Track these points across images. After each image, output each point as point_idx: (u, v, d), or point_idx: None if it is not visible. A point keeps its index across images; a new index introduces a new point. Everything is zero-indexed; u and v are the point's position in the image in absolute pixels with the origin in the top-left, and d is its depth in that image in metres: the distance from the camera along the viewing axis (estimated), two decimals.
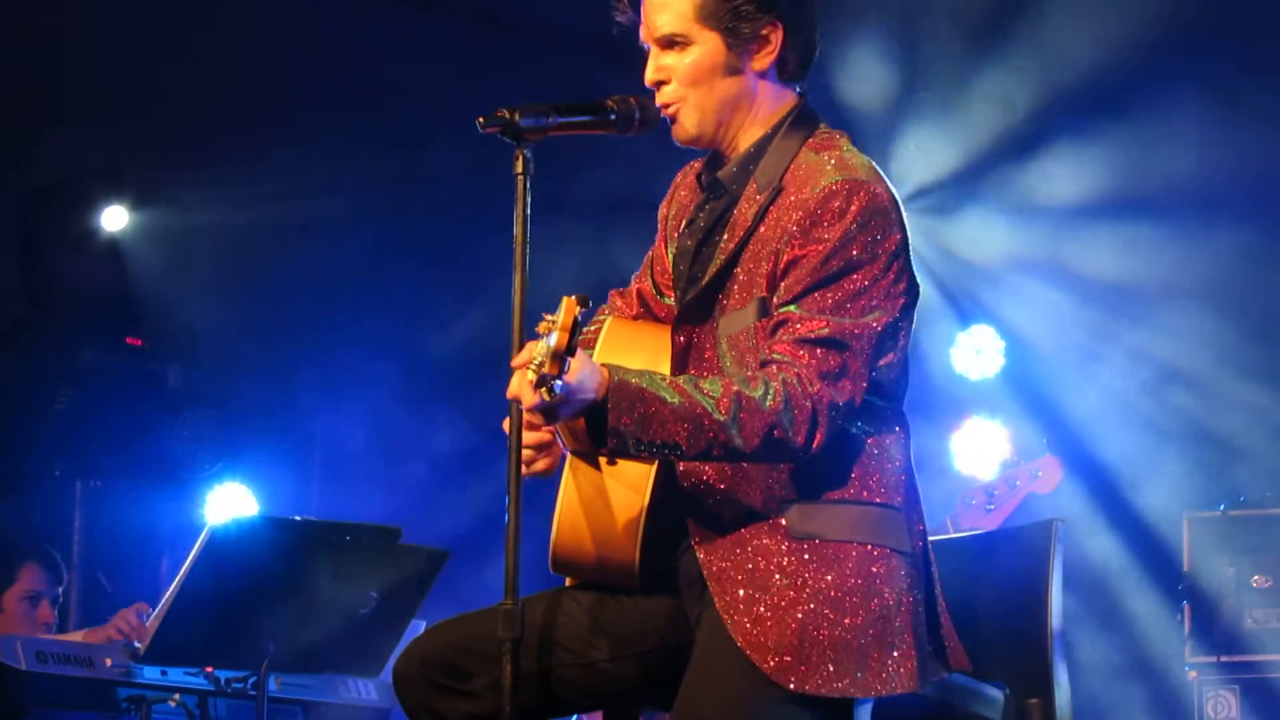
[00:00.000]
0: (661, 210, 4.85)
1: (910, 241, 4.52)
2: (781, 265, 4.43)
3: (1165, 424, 9.24)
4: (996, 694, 4.78)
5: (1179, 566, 8.36)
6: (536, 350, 4.07)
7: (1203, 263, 9.11)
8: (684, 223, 4.71)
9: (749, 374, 4.37)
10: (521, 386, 4.19)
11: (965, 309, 9.55)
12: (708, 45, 4.54)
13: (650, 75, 4.58)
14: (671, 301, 4.73)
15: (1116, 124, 9.18)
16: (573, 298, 4.09)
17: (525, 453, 4.58)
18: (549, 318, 4.09)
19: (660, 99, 4.58)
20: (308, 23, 8.97)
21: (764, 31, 4.55)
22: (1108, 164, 9.23)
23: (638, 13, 4.59)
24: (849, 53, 9.03)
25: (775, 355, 4.37)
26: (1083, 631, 9.06)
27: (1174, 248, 9.16)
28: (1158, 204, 9.13)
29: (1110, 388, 9.36)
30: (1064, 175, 9.34)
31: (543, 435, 4.61)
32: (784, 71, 4.61)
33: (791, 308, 4.39)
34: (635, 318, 4.85)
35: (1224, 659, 8.22)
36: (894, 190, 4.51)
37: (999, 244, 9.57)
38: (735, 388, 4.29)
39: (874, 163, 4.55)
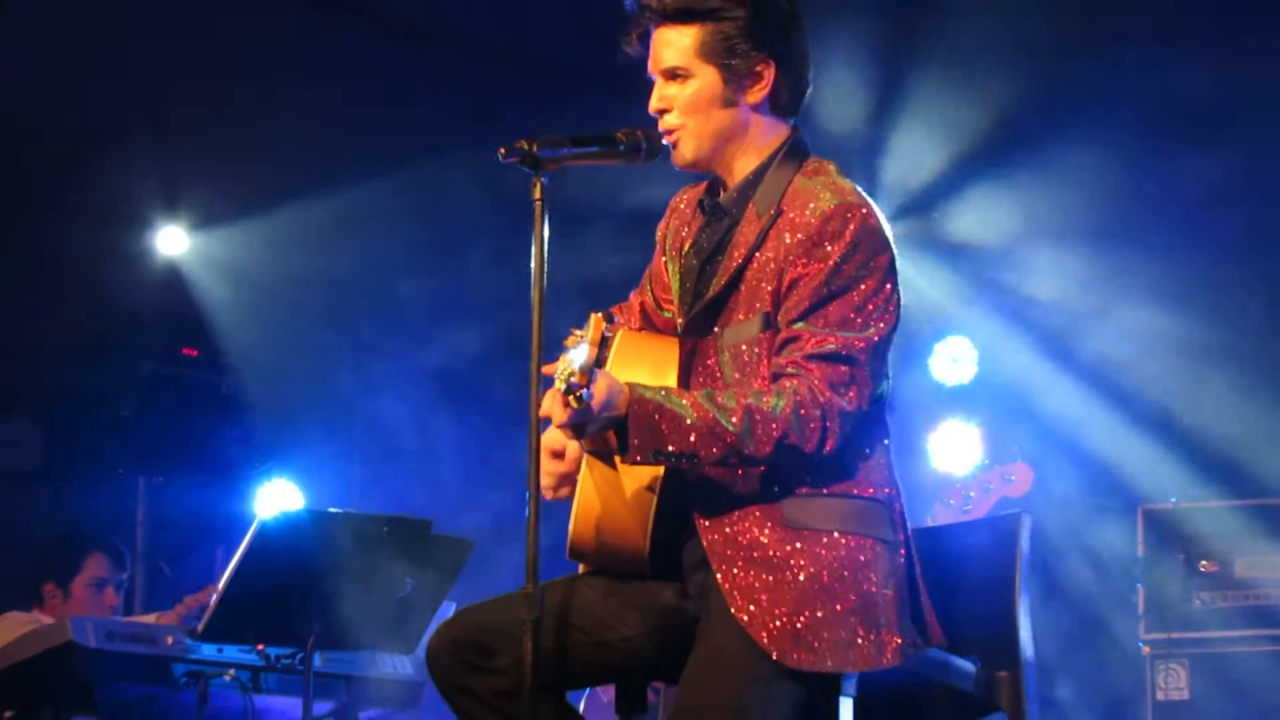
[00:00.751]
0: (659, 230, 4.84)
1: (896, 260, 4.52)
2: (785, 283, 4.43)
3: (1120, 425, 9.23)
4: (969, 667, 4.77)
5: (1135, 552, 8.36)
6: (565, 362, 4.08)
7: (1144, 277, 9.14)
8: (688, 244, 4.70)
9: (761, 386, 4.39)
10: (553, 406, 4.21)
11: (940, 322, 9.54)
12: (706, 78, 4.54)
13: (654, 104, 4.59)
14: (669, 314, 4.73)
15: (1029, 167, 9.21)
16: (599, 314, 4.14)
17: (548, 480, 4.63)
18: (577, 333, 4.12)
19: (662, 125, 4.58)
20: (338, 64, 8.97)
21: (758, 68, 4.54)
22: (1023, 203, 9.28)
23: (645, 47, 4.59)
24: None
25: (788, 370, 4.38)
26: (1049, 611, 9.06)
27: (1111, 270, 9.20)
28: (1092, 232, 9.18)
29: (1071, 393, 9.35)
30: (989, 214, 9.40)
31: (566, 468, 4.63)
32: (776, 106, 4.60)
33: (800, 325, 4.39)
34: (639, 329, 4.84)
35: (1174, 635, 8.22)
36: (880, 213, 4.51)
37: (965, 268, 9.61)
38: (748, 401, 4.31)
39: (860, 188, 4.55)
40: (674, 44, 4.54)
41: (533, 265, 4.36)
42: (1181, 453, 9.04)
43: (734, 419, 4.29)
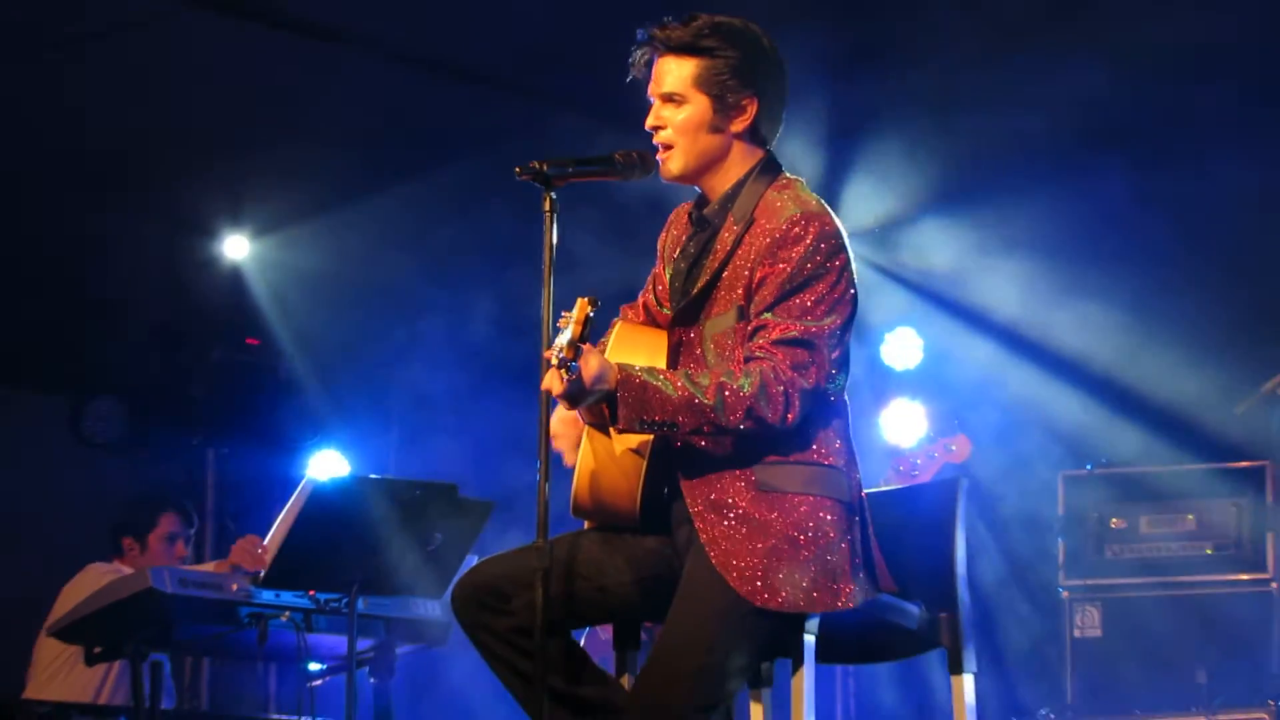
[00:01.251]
0: (660, 240, 4.85)
1: (852, 261, 4.54)
2: (755, 280, 4.45)
3: (1041, 403, 9.23)
4: (915, 609, 4.77)
5: (1056, 511, 8.36)
6: (557, 341, 4.13)
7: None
8: (678, 250, 4.71)
9: (733, 368, 4.40)
10: (551, 380, 4.22)
11: (891, 314, 9.54)
12: (699, 105, 4.55)
13: (650, 121, 4.60)
14: (668, 310, 4.72)
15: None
16: (585, 298, 4.15)
17: (567, 443, 4.64)
18: (567, 315, 4.14)
19: (656, 139, 4.59)
20: (381, 86, 8.97)
21: (743, 102, 4.56)
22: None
23: (647, 71, 4.60)
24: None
25: (756, 353, 4.39)
26: (983, 561, 9.07)
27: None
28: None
29: (1002, 377, 9.35)
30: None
31: (576, 439, 4.63)
32: (755, 135, 4.61)
33: (767, 315, 4.41)
34: (643, 323, 4.84)
35: (1089, 582, 8.22)
36: (839, 221, 4.53)
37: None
38: (721, 379, 4.32)
39: (822, 200, 4.56)
40: (674, 72, 4.55)
41: (543, 264, 4.40)
42: (1101, 424, 9.05)
43: (709, 394, 4.30)
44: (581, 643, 4.89)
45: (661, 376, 4.33)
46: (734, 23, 4.58)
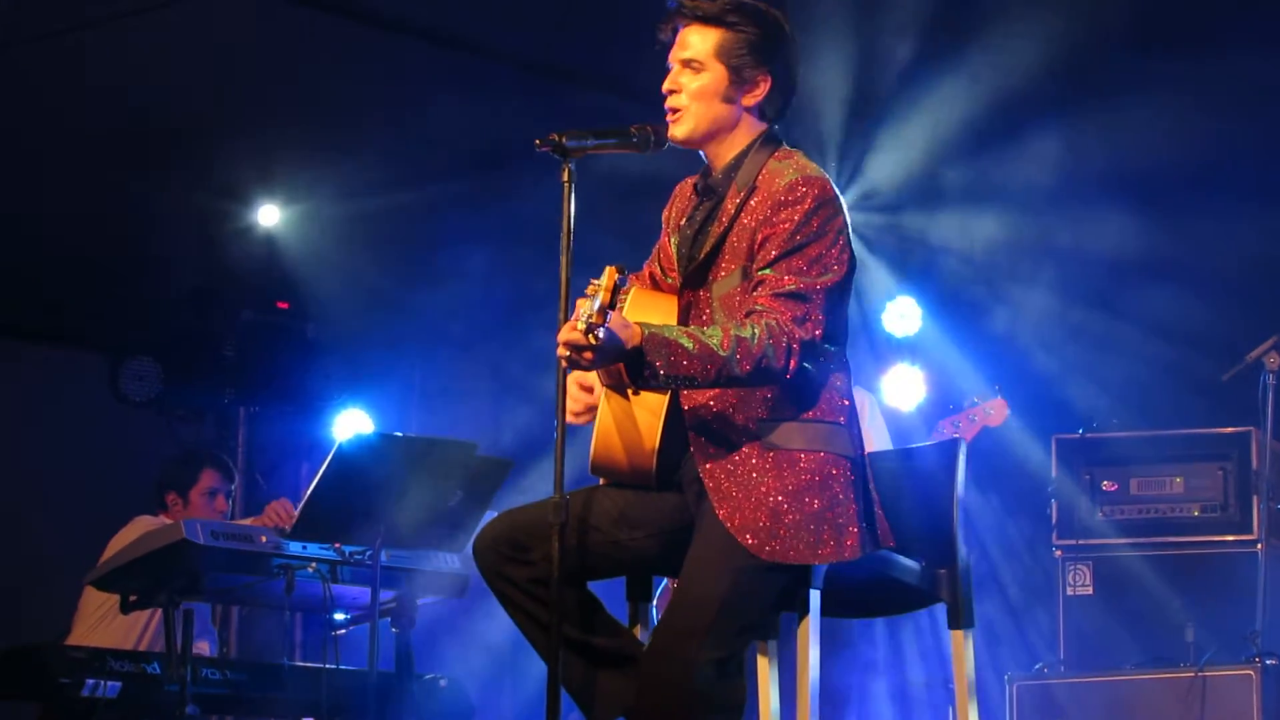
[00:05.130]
0: (665, 213, 4.86)
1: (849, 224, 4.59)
2: (758, 241, 4.48)
3: (1038, 368, 9.23)
4: (915, 565, 4.77)
5: (1049, 473, 8.34)
6: (584, 307, 4.13)
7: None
8: (684, 219, 4.73)
9: (740, 320, 4.41)
10: (571, 336, 4.20)
11: (892, 283, 9.54)
12: (715, 74, 4.58)
13: (667, 84, 4.63)
14: (672, 279, 4.74)
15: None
16: (613, 267, 4.17)
17: (577, 407, 4.67)
18: (595, 282, 4.14)
19: (669, 103, 4.62)
20: (400, 73, 8.96)
21: (758, 77, 4.60)
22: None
23: (672, 38, 4.62)
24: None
25: (757, 306, 4.43)
26: (981, 520, 9.07)
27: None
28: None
29: (997, 342, 9.35)
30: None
31: (591, 400, 4.65)
32: (764, 111, 4.65)
33: (767, 271, 4.45)
34: (649, 289, 4.85)
35: (1080, 542, 8.20)
36: (836, 187, 4.57)
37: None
38: (732, 331, 4.34)
39: (821, 168, 4.59)
40: (698, 40, 4.59)
41: (562, 234, 4.44)
42: (1085, 390, 9.06)
43: (724, 346, 4.32)
44: (656, 597, 4.93)
45: (676, 330, 4.36)
46: (760, 4, 4.63)
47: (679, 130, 4.62)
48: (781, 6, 4.71)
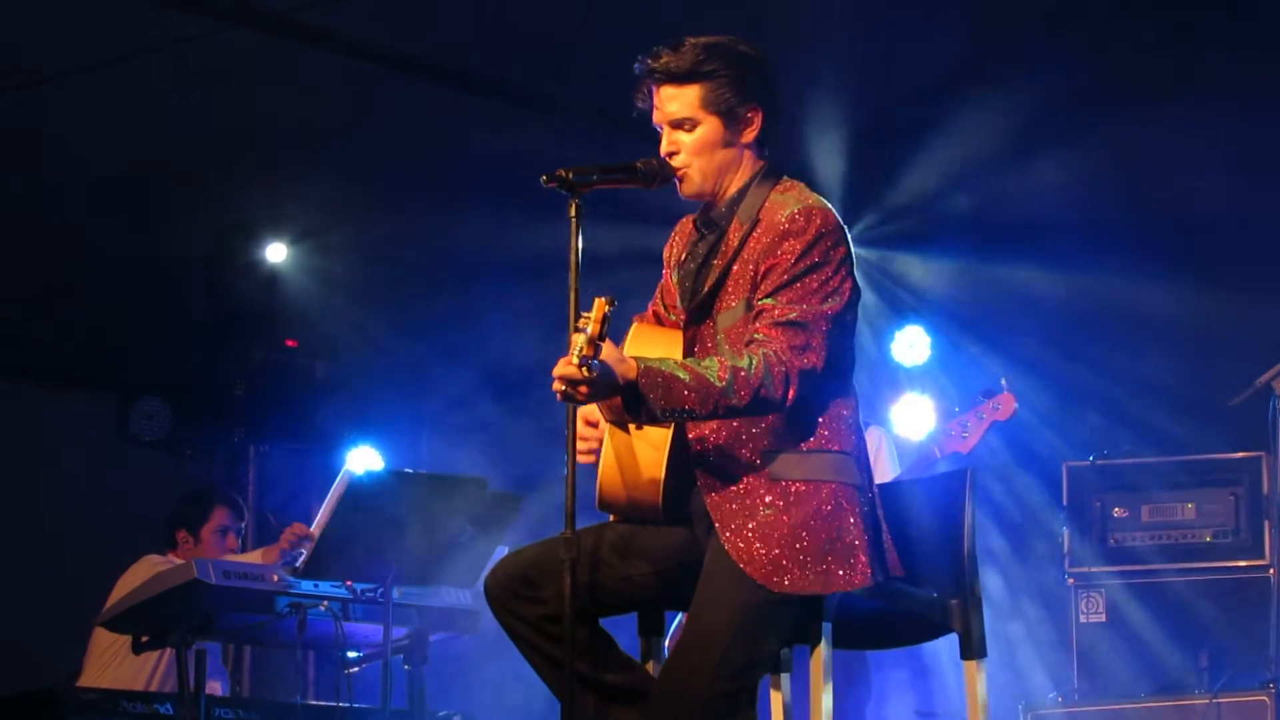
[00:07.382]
0: (665, 251, 4.86)
1: (853, 255, 4.57)
2: (760, 272, 4.47)
3: (1048, 397, 9.22)
4: (927, 595, 4.76)
5: (1060, 501, 8.32)
6: (578, 341, 4.11)
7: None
8: (685, 253, 4.72)
9: (739, 351, 4.41)
10: (564, 369, 4.20)
11: (902, 312, 9.55)
12: (710, 125, 4.56)
13: (665, 148, 4.60)
14: (675, 316, 4.73)
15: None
16: (603, 298, 4.14)
17: (585, 445, 4.63)
18: (586, 315, 4.13)
19: (673, 163, 4.60)
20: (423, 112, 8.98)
21: (749, 114, 4.57)
22: None
23: (650, 100, 4.59)
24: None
25: (757, 335, 4.41)
26: (991, 550, 9.05)
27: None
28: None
29: (1006, 371, 9.34)
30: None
31: (599, 435, 4.62)
32: (762, 142, 4.63)
33: (769, 300, 4.43)
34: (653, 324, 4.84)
35: (1093, 569, 8.18)
36: (839, 218, 4.55)
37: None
38: (728, 362, 4.33)
39: (823, 199, 4.58)
40: (679, 99, 4.56)
41: (570, 269, 4.40)
42: (1095, 419, 9.05)
43: (720, 376, 4.30)
44: (669, 632, 4.92)
45: (672, 363, 4.33)
46: (723, 40, 4.59)
47: (688, 189, 4.61)
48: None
